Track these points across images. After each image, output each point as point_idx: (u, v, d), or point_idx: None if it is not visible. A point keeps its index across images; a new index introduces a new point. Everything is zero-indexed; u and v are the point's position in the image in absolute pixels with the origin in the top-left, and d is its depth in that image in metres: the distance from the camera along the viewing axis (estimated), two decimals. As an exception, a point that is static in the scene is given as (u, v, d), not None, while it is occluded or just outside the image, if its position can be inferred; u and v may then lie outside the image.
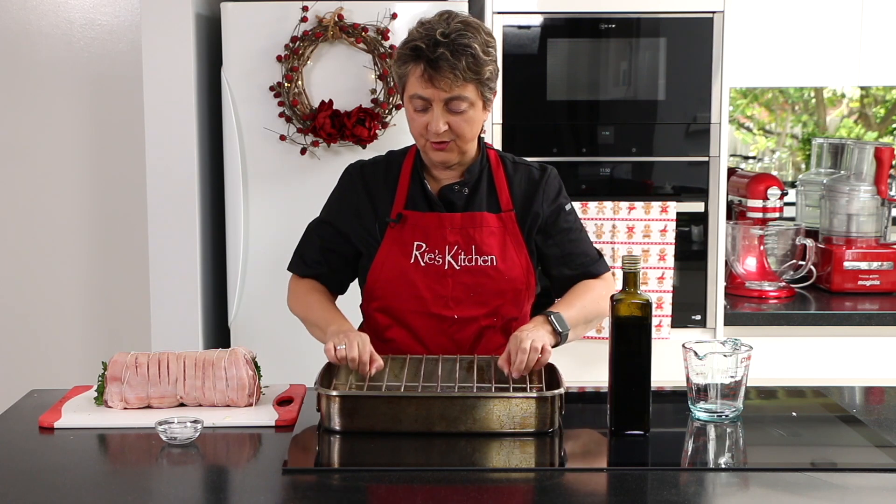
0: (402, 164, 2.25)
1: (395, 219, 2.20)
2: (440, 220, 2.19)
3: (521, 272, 2.21)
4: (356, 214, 2.24)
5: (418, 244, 2.19)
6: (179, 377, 2.01)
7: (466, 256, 2.19)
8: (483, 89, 2.11)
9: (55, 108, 3.61)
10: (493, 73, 2.13)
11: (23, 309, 3.68)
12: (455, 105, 2.09)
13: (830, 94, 5.43)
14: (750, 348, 1.95)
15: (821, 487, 1.69)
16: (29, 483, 1.69)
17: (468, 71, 2.06)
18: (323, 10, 3.03)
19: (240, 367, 2.01)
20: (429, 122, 2.11)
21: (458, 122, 2.11)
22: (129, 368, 2.01)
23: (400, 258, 2.19)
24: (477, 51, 2.07)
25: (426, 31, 2.08)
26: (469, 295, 2.19)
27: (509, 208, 2.22)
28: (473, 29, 2.10)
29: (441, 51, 2.05)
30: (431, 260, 2.19)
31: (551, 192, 2.26)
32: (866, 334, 3.21)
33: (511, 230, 2.22)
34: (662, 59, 3.13)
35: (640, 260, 2.18)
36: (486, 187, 2.23)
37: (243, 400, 2.01)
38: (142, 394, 2.01)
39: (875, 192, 3.46)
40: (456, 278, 2.19)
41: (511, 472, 1.78)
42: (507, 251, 2.20)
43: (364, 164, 2.30)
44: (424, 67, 2.07)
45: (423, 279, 2.18)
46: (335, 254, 2.27)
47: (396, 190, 2.22)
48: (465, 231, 2.19)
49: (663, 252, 3.11)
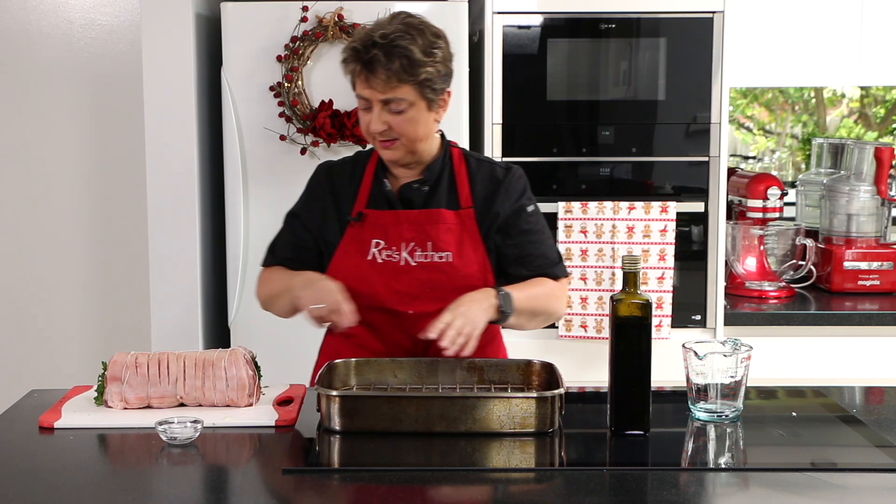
0: (367, 163, 2.30)
1: (356, 217, 2.23)
2: (397, 218, 2.23)
3: (477, 269, 2.23)
4: (321, 214, 2.29)
5: (376, 241, 2.22)
6: (179, 377, 2.01)
7: (423, 253, 2.21)
8: (423, 90, 2.14)
9: (55, 108, 3.61)
10: (437, 75, 2.15)
11: (23, 309, 3.68)
12: (394, 105, 2.13)
13: (830, 94, 5.43)
14: (750, 348, 1.95)
15: (821, 487, 1.69)
16: (29, 483, 1.69)
17: (402, 73, 2.10)
18: (323, 10, 3.03)
19: (240, 367, 2.01)
20: (370, 120, 2.16)
21: (399, 122, 2.15)
22: (129, 368, 2.01)
23: (357, 256, 2.23)
24: (414, 53, 2.10)
25: (369, 32, 2.14)
26: (425, 291, 2.20)
27: (469, 206, 2.24)
28: (416, 31, 2.13)
29: (375, 52, 2.09)
30: (389, 257, 2.22)
31: (513, 191, 2.28)
32: (866, 334, 3.21)
33: (469, 228, 2.23)
34: (662, 59, 3.13)
35: (640, 260, 2.18)
36: (446, 185, 2.26)
37: (243, 400, 2.01)
38: (142, 394, 2.01)
39: (875, 192, 3.46)
40: (412, 274, 2.21)
41: (511, 472, 1.78)
42: (464, 248, 2.22)
43: (332, 165, 2.35)
44: (361, 68, 2.12)
45: (379, 276, 2.21)
46: (304, 249, 2.31)
47: (360, 189, 2.26)
48: (421, 227, 2.22)
49: (663, 252, 3.11)
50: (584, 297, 3.12)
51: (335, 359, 2.12)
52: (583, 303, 3.12)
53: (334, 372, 2.08)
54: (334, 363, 2.09)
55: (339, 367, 2.10)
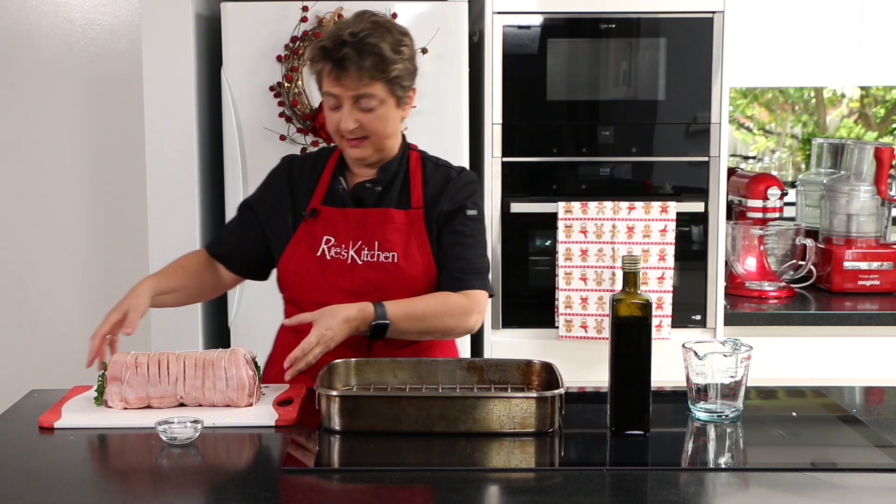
0: (328, 160, 2.32)
1: (310, 213, 2.26)
2: (347, 216, 2.24)
3: (422, 270, 2.23)
4: (275, 207, 2.31)
5: (327, 238, 2.24)
6: (179, 377, 2.01)
7: (369, 252, 2.22)
8: (393, 88, 2.17)
9: (55, 108, 3.61)
10: (405, 72, 2.18)
11: (23, 309, 3.68)
12: (364, 102, 2.15)
13: (830, 94, 5.43)
14: (750, 348, 1.95)
15: (821, 487, 1.69)
16: (29, 483, 1.69)
17: (374, 70, 2.13)
18: (323, 10, 3.03)
19: (240, 367, 2.01)
20: (341, 119, 2.17)
21: (369, 120, 2.17)
22: (129, 368, 2.00)
23: (307, 252, 2.24)
24: (384, 50, 2.13)
25: (337, 31, 2.16)
26: (370, 290, 2.21)
27: (419, 206, 2.25)
28: (384, 29, 2.17)
29: (346, 50, 2.12)
30: (337, 254, 2.23)
31: (458, 192, 2.28)
32: (866, 334, 3.21)
33: (417, 228, 2.24)
34: (662, 59, 3.13)
35: (640, 260, 2.18)
36: (399, 186, 2.27)
37: (243, 400, 2.01)
38: (142, 394, 2.00)
39: (875, 192, 3.46)
40: (358, 273, 2.22)
41: (511, 472, 1.78)
42: (411, 249, 2.23)
43: (294, 159, 2.38)
44: (332, 66, 2.14)
45: (325, 273, 2.23)
46: (251, 238, 2.33)
47: (317, 185, 2.29)
48: (370, 227, 2.23)
49: (663, 252, 3.11)
50: (584, 297, 3.12)
51: (287, 353, 2.11)
52: (583, 303, 3.13)
53: (334, 372, 2.08)
54: (334, 363, 2.09)
55: (339, 367, 2.10)
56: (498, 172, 3.14)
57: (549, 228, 3.16)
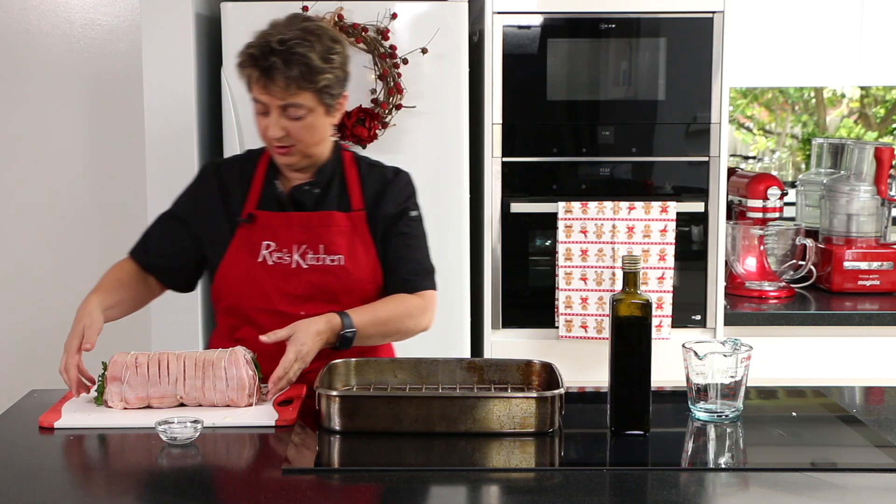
0: (258, 163, 2.28)
1: (246, 219, 2.22)
2: (289, 220, 2.22)
3: (368, 273, 2.23)
4: (208, 216, 2.27)
5: (267, 244, 2.22)
6: (179, 377, 2.01)
7: (314, 255, 2.21)
8: (322, 96, 2.13)
9: (55, 108, 3.61)
10: (335, 80, 2.15)
11: (23, 309, 3.68)
12: (292, 112, 2.12)
13: (830, 94, 5.43)
14: (750, 348, 1.95)
15: (821, 487, 1.69)
16: (29, 483, 1.69)
17: (301, 80, 2.09)
18: (323, 10, 3.03)
19: (240, 367, 2.01)
20: (268, 126, 2.14)
21: (297, 128, 2.14)
22: (129, 368, 2.00)
23: (247, 258, 2.22)
24: (312, 60, 2.09)
25: (266, 37, 2.12)
26: (316, 293, 2.20)
27: (360, 208, 2.24)
28: (314, 36, 2.12)
29: (273, 59, 2.08)
30: (279, 259, 2.21)
31: (399, 194, 2.28)
32: (866, 334, 3.21)
33: (360, 230, 2.23)
34: (662, 59, 3.13)
35: (640, 260, 2.18)
36: (337, 187, 2.26)
37: (243, 400, 2.01)
38: (142, 394, 2.00)
39: (875, 192, 3.46)
40: (303, 277, 2.20)
41: (511, 472, 1.78)
42: (356, 251, 2.22)
43: (220, 164, 2.35)
44: (259, 74, 2.11)
45: (269, 278, 2.20)
46: (183, 250, 2.30)
47: (250, 190, 2.25)
48: (313, 230, 2.21)
49: (663, 252, 3.11)
50: (584, 298, 3.12)
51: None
52: (583, 303, 3.12)
53: (334, 372, 2.08)
54: (334, 363, 2.09)
55: (339, 367, 2.10)
56: (498, 172, 3.14)
57: (549, 228, 3.16)
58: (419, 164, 3.08)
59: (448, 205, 3.09)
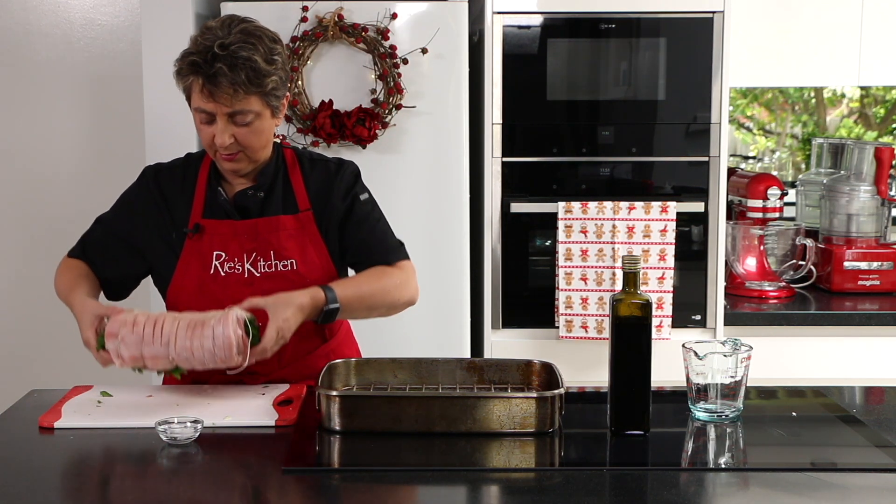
0: (199, 169, 2.23)
1: (193, 229, 2.18)
2: (235, 228, 2.17)
3: (321, 273, 2.19)
4: (150, 228, 2.22)
5: (217, 254, 2.17)
6: (171, 338, 1.97)
7: (266, 263, 2.17)
8: (269, 99, 2.09)
9: (55, 108, 3.61)
10: (280, 81, 2.11)
11: (23, 309, 3.68)
12: (240, 118, 2.08)
13: (830, 94, 5.44)
14: (750, 348, 1.96)
15: (821, 487, 1.69)
16: (29, 483, 1.69)
17: (249, 84, 2.04)
18: (323, 10, 3.03)
19: (227, 326, 1.95)
20: (214, 133, 2.09)
21: (245, 134, 2.10)
22: (126, 326, 1.97)
23: (199, 270, 2.17)
24: (258, 63, 2.04)
25: (205, 42, 2.05)
26: None
27: (306, 208, 2.21)
28: (255, 38, 2.07)
29: (219, 65, 2.01)
30: (231, 269, 2.17)
31: (345, 185, 2.24)
32: (866, 334, 3.21)
33: (309, 231, 2.20)
34: (662, 59, 3.13)
35: (640, 260, 2.18)
36: (281, 189, 2.21)
37: (232, 359, 1.96)
38: (136, 353, 1.96)
39: (875, 192, 3.46)
40: (257, 286, 2.14)
41: (511, 472, 1.78)
42: (307, 254, 2.19)
43: (160, 170, 2.27)
44: (204, 82, 2.04)
45: (223, 289, 2.15)
46: (117, 263, 2.25)
47: (193, 198, 2.20)
48: (262, 237, 2.17)
49: (663, 252, 3.11)
50: (584, 298, 3.13)
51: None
52: (583, 303, 3.13)
53: (334, 372, 2.08)
54: (334, 363, 2.09)
55: (339, 367, 2.10)
56: (498, 172, 3.14)
57: (549, 228, 3.16)
58: (419, 165, 3.09)
59: (448, 205, 3.09)
